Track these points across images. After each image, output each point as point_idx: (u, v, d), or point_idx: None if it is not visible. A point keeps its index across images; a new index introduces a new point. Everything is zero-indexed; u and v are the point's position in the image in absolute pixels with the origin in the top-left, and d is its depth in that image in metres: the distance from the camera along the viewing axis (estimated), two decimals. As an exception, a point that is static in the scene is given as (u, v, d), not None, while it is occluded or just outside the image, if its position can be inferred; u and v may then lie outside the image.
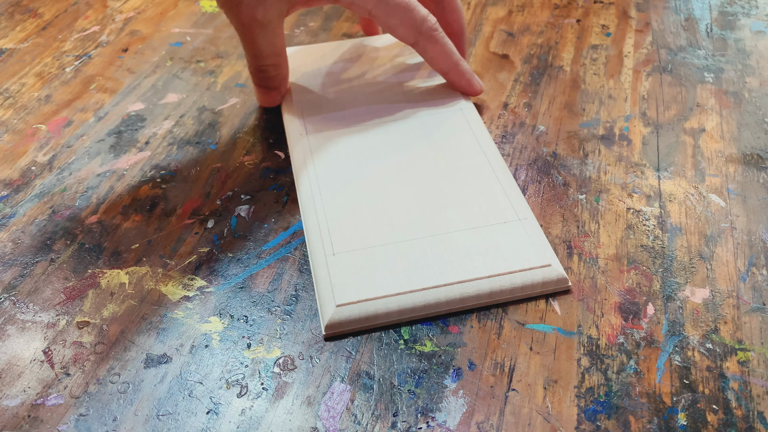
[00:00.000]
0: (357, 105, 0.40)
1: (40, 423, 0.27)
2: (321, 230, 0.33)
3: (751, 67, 0.44)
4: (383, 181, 0.35)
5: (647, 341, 0.29)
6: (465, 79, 0.40)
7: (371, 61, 0.44)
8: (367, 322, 0.29)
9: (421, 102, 0.40)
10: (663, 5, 0.51)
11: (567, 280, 0.31)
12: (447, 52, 0.39)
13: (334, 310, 0.29)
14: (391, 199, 0.34)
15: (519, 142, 0.39)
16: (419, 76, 0.42)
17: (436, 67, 0.40)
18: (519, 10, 0.51)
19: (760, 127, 0.40)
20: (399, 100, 0.40)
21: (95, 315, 0.31)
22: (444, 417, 0.27)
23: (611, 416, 0.27)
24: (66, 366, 0.29)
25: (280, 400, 0.27)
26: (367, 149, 0.37)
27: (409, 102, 0.40)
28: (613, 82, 0.44)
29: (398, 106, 0.40)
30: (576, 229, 0.34)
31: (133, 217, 0.35)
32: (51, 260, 0.33)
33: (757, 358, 0.28)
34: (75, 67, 0.47)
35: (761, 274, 0.32)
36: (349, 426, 0.27)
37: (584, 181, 0.37)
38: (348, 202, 0.34)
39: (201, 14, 0.52)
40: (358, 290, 0.30)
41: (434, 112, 0.39)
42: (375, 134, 0.38)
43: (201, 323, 0.30)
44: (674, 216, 0.34)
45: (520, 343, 0.29)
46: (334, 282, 0.30)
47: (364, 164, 0.36)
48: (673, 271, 0.32)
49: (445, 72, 0.40)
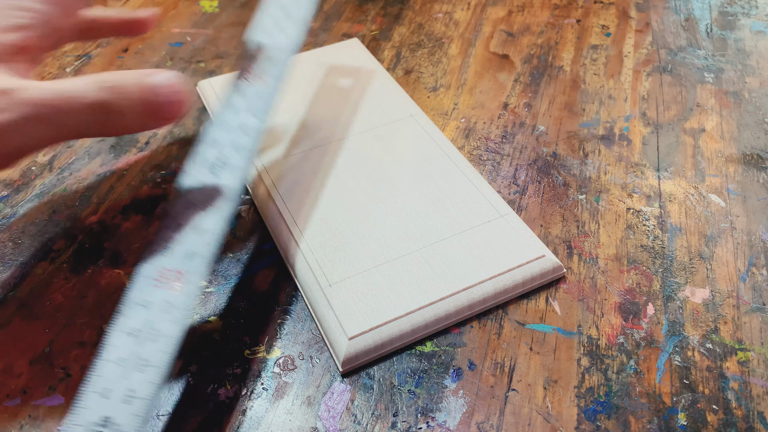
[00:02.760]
0: (305, 129, 0.38)
1: (40, 423, 0.27)
2: (310, 264, 0.31)
3: (751, 67, 0.44)
4: (357, 201, 0.34)
5: (647, 341, 0.29)
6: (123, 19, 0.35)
7: (305, 85, 0.42)
8: (382, 349, 0.28)
9: (370, 116, 0.39)
10: (663, 5, 0.51)
11: (562, 267, 0.31)
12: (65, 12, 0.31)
13: (348, 344, 0.28)
14: (372, 218, 0.33)
15: (519, 142, 0.39)
16: (360, 95, 0.41)
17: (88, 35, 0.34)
18: (519, 10, 0.51)
19: (760, 127, 0.40)
20: (347, 119, 0.39)
21: (95, 315, 0.31)
22: (444, 417, 0.27)
23: (611, 416, 0.27)
24: (66, 366, 0.29)
25: (280, 400, 0.27)
26: (330, 172, 0.35)
27: (359, 119, 0.38)
28: (613, 82, 0.44)
29: (348, 124, 0.39)
30: (576, 229, 0.34)
31: (133, 217, 0.35)
32: (51, 260, 0.33)
33: (757, 358, 0.28)
34: (75, 67, 0.47)
35: (761, 274, 0.32)
36: (349, 426, 0.27)
37: (584, 181, 0.37)
38: (329, 229, 0.33)
39: (201, 14, 0.52)
40: (366, 318, 0.29)
41: (387, 124, 0.39)
42: (333, 155, 0.37)
43: (201, 323, 0.30)
44: (674, 216, 0.34)
45: (520, 343, 0.29)
46: (339, 314, 0.29)
47: (332, 188, 0.35)
48: (673, 271, 0.32)
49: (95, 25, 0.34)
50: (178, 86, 0.28)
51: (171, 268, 0.26)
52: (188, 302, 0.25)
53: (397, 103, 0.40)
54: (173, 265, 0.26)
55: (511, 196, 0.36)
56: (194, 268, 0.26)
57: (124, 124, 0.27)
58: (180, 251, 0.27)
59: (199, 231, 0.27)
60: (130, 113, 0.27)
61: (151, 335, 0.24)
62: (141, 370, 0.23)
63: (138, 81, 0.27)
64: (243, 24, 0.51)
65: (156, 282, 0.26)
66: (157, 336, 0.24)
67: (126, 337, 0.24)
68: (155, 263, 0.26)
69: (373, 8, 0.52)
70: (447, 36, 0.48)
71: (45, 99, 0.26)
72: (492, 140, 0.39)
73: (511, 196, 0.36)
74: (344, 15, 0.51)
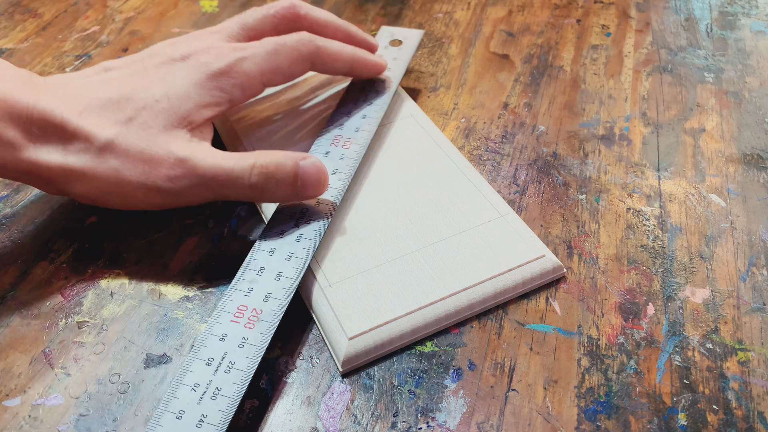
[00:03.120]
0: (307, 133, 0.38)
1: (40, 423, 0.27)
2: (310, 264, 0.31)
3: (751, 67, 0.44)
4: (357, 201, 0.34)
5: (647, 341, 0.29)
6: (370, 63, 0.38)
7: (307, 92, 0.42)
8: (382, 349, 0.29)
9: None
10: (663, 5, 0.51)
11: (562, 267, 0.31)
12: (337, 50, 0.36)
13: (348, 344, 0.28)
14: (372, 218, 0.33)
15: (519, 142, 0.39)
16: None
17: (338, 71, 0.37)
18: (519, 10, 0.51)
19: (760, 127, 0.40)
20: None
21: (95, 315, 0.31)
22: (444, 417, 0.27)
23: (611, 416, 0.27)
24: (66, 366, 0.29)
25: (279, 400, 0.27)
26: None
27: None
28: (613, 82, 0.44)
29: None
30: (576, 229, 0.34)
31: (133, 216, 0.35)
32: (51, 260, 0.33)
33: (757, 358, 0.28)
34: (75, 67, 0.47)
35: (761, 274, 0.32)
36: (349, 426, 0.27)
37: (584, 181, 0.37)
38: (328, 229, 0.33)
39: (201, 14, 0.52)
40: (366, 318, 0.29)
41: (387, 124, 0.39)
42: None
43: (201, 323, 0.30)
44: (674, 216, 0.34)
45: (520, 343, 0.29)
46: (339, 314, 0.29)
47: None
48: (673, 271, 0.32)
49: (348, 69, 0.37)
50: (322, 173, 0.31)
51: (249, 306, 0.28)
52: (263, 340, 0.27)
53: (397, 104, 0.40)
54: (251, 304, 0.28)
55: (511, 196, 0.36)
56: (270, 309, 0.28)
57: (270, 199, 0.31)
58: (260, 292, 0.29)
59: (277, 276, 0.29)
60: (280, 194, 0.31)
61: (226, 367, 0.26)
62: (213, 398, 0.25)
63: (291, 169, 0.31)
64: (243, 24, 0.51)
65: (234, 317, 0.28)
66: (230, 368, 0.26)
67: (203, 365, 0.26)
68: (236, 299, 0.29)
69: (373, 8, 0.52)
70: (447, 36, 0.48)
71: (213, 174, 0.30)
72: (492, 140, 0.39)
73: (511, 196, 0.36)
74: (344, 15, 0.51)
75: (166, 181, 0.30)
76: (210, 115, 0.33)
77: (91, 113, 0.31)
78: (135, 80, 0.32)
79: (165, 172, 0.30)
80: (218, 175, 0.30)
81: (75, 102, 0.31)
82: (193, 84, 0.32)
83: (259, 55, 0.34)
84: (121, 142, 0.30)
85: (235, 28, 0.36)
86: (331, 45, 0.36)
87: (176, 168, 0.30)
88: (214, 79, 0.33)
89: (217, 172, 0.30)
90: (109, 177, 0.30)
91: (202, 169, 0.30)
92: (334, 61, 0.36)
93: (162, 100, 0.32)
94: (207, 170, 0.30)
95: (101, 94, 0.32)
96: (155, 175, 0.30)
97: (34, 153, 0.30)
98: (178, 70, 0.33)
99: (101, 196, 0.32)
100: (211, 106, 0.33)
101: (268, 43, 0.34)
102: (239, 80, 0.33)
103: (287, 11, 0.37)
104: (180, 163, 0.30)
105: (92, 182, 0.31)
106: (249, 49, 0.34)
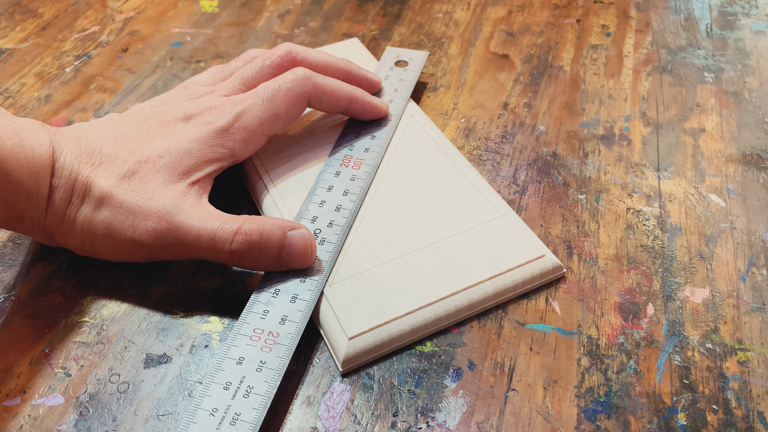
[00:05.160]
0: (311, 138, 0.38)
1: (40, 423, 0.27)
2: None
3: (751, 67, 0.44)
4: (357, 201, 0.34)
5: (647, 341, 0.29)
6: (368, 104, 0.38)
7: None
8: (382, 349, 0.29)
9: None
10: (663, 5, 0.51)
11: (562, 267, 0.31)
12: (334, 87, 0.36)
13: (348, 344, 0.28)
14: (372, 218, 0.33)
15: (519, 142, 0.39)
16: None
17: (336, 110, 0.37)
18: (519, 10, 0.51)
19: (760, 127, 0.40)
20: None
21: (95, 315, 0.31)
22: (444, 417, 0.27)
23: (611, 416, 0.27)
24: (66, 366, 0.29)
25: (279, 400, 0.27)
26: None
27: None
28: (613, 82, 0.44)
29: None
30: (576, 229, 0.34)
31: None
32: (51, 260, 0.33)
33: (757, 358, 0.28)
34: (75, 67, 0.47)
35: (761, 274, 0.32)
36: (349, 426, 0.27)
37: (584, 181, 0.37)
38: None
39: (201, 14, 0.52)
40: (366, 318, 0.29)
41: None
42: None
43: (201, 323, 0.30)
44: (674, 216, 0.34)
45: (520, 343, 0.29)
46: (339, 314, 0.29)
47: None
48: (673, 271, 0.32)
49: (346, 108, 0.37)
50: (309, 245, 0.30)
51: (265, 329, 0.28)
52: (281, 364, 0.27)
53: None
54: (268, 327, 0.28)
55: (511, 196, 0.36)
56: (287, 332, 0.28)
57: (252, 267, 0.30)
58: (275, 314, 0.29)
59: (294, 298, 0.29)
60: (263, 263, 0.30)
61: (244, 391, 0.26)
62: (233, 424, 0.25)
63: (278, 239, 0.30)
64: (242, 24, 0.51)
65: (251, 341, 0.28)
66: (248, 393, 0.26)
67: (221, 389, 0.26)
68: (252, 322, 0.28)
69: (373, 8, 0.52)
70: (447, 36, 0.48)
71: (195, 234, 0.30)
72: (492, 140, 0.39)
73: (511, 196, 0.36)
74: (344, 15, 0.51)
75: (151, 236, 0.30)
76: (211, 170, 0.33)
77: (99, 167, 0.31)
78: (140, 137, 0.33)
79: (151, 226, 0.30)
80: (200, 236, 0.30)
81: (88, 156, 0.31)
82: (196, 140, 0.32)
83: (256, 105, 0.34)
84: (119, 194, 0.30)
85: (236, 83, 0.36)
86: (329, 83, 0.36)
87: (161, 222, 0.30)
88: (217, 137, 0.33)
89: (200, 233, 0.30)
90: (102, 228, 0.30)
91: (186, 227, 0.30)
92: (332, 99, 0.36)
93: (164, 155, 0.32)
94: (190, 228, 0.30)
95: (110, 150, 0.32)
96: (141, 229, 0.30)
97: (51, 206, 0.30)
98: (182, 128, 0.33)
99: (95, 248, 0.31)
100: (212, 161, 0.33)
101: (264, 91, 0.34)
102: (240, 136, 0.33)
103: (283, 60, 0.37)
104: (165, 217, 0.30)
105: (86, 234, 0.31)
106: (246, 101, 0.34)
